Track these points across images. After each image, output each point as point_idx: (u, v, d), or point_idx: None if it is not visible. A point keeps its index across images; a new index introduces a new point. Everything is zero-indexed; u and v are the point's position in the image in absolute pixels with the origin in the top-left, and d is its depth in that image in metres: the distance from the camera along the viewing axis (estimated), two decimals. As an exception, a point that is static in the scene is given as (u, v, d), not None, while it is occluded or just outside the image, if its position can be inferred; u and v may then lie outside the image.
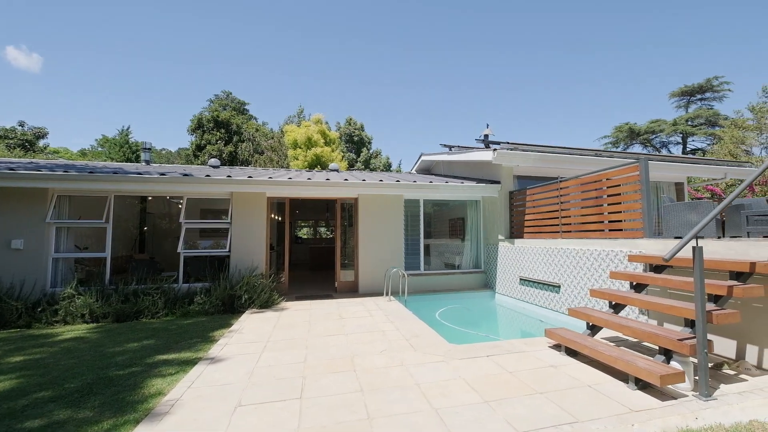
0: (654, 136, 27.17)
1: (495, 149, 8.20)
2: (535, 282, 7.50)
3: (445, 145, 11.99)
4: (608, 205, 5.91)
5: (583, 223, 6.51)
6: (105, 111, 69.12)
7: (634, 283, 4.71)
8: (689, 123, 26.05)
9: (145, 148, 12.47)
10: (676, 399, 3.22)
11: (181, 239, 8.35)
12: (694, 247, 3.31)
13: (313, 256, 15.51)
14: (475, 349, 4.76)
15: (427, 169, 14.80)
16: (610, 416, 2.99)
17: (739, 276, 3.78)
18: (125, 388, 3.76)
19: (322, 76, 66.88)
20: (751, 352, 3.82)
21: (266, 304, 7.74)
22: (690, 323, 3.67)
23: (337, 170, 13.41)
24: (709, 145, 23.96)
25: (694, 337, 3.44)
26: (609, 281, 5.62)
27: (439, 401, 3.31)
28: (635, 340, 4.76)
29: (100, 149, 36.56)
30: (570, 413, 3.05)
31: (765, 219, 6.52)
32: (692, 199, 12.15)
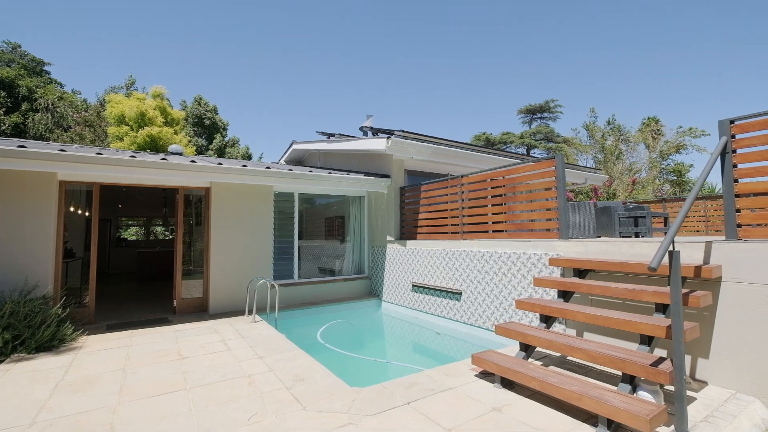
0: (505, 146, 31.43)
1: (389, 137, 7.23)
2: (431, 288, 6.77)
3: (323, 133, 10.56)
4: (520, 203, 5.49)
5: (490, 222, 6.03)
6: None
7: (561, 291, 4.22)
8: (532, 137, 31.04)
9: None
10: (660, 444, 2.58)
11: None
12: (670, 252, 2.76)
13: (142, 263, 12.06)
14: (388, 392, 3.52)
15: (299, 161, 13.13)
16: (618, 498, 2.10)
17: (677, 280, 3.50)
18: None
19: (162, 46, 57.18)
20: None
21: (49, 345, 5.00)
22: (647, 340, 3.18)
23: (180, 153, 10.60)
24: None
25: (664, 359, 2.92)
26: (521, 286, 5.14)
27: None
28: (558, 354, 4.28)
29: None
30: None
31: (629, 220, 7.18)
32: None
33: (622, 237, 7.01)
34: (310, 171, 7.96)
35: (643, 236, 6.85)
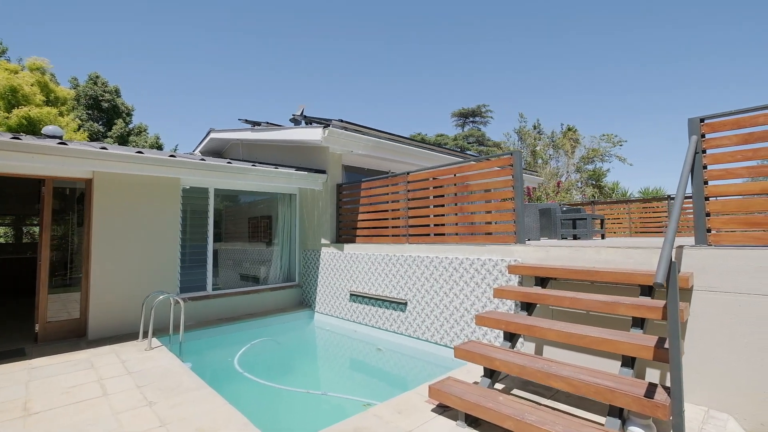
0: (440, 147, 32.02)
1: (326, 126, 6.38)
2: (372, 298, 6.07)
3: (247, 121, 9.28)
4: (473, 203, 5.02)
5: (432, 225, 5.49)
6: None
7: (525, 303, 3.77)
8: (465, 140, 32.03)
9: None
10: (666, 497, 2.15)
11: None
12: (671, 262, 2.36)
13: (3, 272, 9.69)
14: (328, 445, 2.73)
15: (217, 152, 11.61)
16: None
17: (650, 291, 3.21)
18: None
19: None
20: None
21: None
22: (629, 362, 2.80)
23: (59, 137, 8.61)
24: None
25: (655, 386, 2.53)
26: (474, 296, 4.66)
27: None
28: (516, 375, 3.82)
29: None
30: None
31: (569, 221, 7.18)
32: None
33: (563, 239, 7.00)
34: (229, 162, 6.80)
35: (581, 238, 6.89)
